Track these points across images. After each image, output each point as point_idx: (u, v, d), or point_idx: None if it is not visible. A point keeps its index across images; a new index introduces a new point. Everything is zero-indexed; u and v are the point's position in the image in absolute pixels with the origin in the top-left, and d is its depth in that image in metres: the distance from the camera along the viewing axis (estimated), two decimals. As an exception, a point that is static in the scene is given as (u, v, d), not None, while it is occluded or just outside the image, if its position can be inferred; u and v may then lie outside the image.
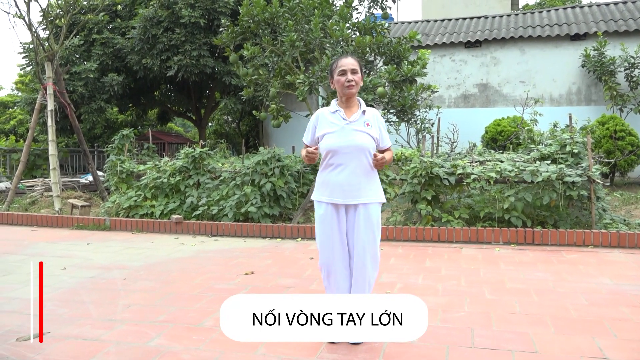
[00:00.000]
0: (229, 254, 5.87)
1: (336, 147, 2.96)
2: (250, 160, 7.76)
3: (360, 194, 2.97)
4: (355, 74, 2.97)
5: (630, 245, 5.75)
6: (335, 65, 3.02)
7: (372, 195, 3.01)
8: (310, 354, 2.91)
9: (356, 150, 2.95)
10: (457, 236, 6.26)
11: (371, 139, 2.99)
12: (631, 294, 3.98)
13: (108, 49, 13.20)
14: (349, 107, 3.05)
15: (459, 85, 13.01)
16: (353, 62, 3.00)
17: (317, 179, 3.10)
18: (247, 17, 8.05)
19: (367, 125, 3.00)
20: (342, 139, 2.95)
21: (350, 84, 2.96)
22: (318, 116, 3.10)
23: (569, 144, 6.83)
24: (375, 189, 3.04)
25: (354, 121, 2.99)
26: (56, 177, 9.06)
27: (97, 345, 3.09)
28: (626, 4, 13.28)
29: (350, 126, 2.98)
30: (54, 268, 5.13)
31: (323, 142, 3.01)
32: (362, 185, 2.97)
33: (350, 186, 2.95)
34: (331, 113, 3.05)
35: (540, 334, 3.16)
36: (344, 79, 2.96)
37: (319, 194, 3.06)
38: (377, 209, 3.05)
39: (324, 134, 3.01)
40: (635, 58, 10.97)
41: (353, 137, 2.95)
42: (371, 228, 2.99)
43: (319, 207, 3.07)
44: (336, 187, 2.97)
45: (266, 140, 14.86)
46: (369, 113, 3.05)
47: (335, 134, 2.97)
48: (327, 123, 3.03)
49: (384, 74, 7.70)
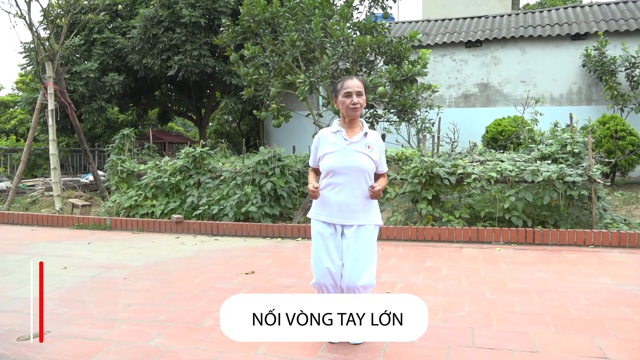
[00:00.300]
0: (229, 253, 5.87)
1: (336, 167, 2.94)
2: (251, 159, 7.76)
3: (357, 215, 2.95)
4: (360, 97, 2.96)
5: (631, 245, 5.74)
6: (341, 85, 3.00)
7: (369, 217, 2.99)
8: (310, 353, 2.91)
9: (356, 171, 2.93)
10: (457, 236, 6.25)
11: (371, 161, 2.97)
12: (632, 294, 3.98)
13: (109, 48, 13.21)
14: (352, 127, 3.04)
15: (459, 84, 13.00)
16: (359, 84, 2.97)
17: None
18: (248, 16, 8.05)
19: (368, 148, 2.98)
20: (343, 159, 2.94)
21: (355, 107, 2.95)
22: (320, 137, 3.08)
23: (570, 143, 6.83)
24: (373, 211, 3.02)
25: (356, 142, 2.97)
26: (57, 177, 9.07)
27: (97, 345, 3.09)
28: (627, 4, 13.27)
29: (351, 147, 2.96)
30: (55, 267, 5.13)
31: (323, 161, 3.00)
32: (360, 206, 2.95)
33: (348, 207, 2.94)
34: (332, 133, 3.03)
35: (540, 334, 3.16)
36: (349, 102, 2.94)
37: (316, 212, 3.04)
38: (374, 231, 3.03)
39: (324, 154, 3.00)
40: (636, 58, 10.96)
41: (354, 158, 2.94)
42: (368, 250, 2.95)
43: (315, 224, 3.05)
44: (334, 207, 2.96)
45: (267, 139, 14.86)
46: (370, 136, 3.03)
47: (336, 154, 2.96)
48: (328, 143, 3.02)
49: (384, 73, 7.70)
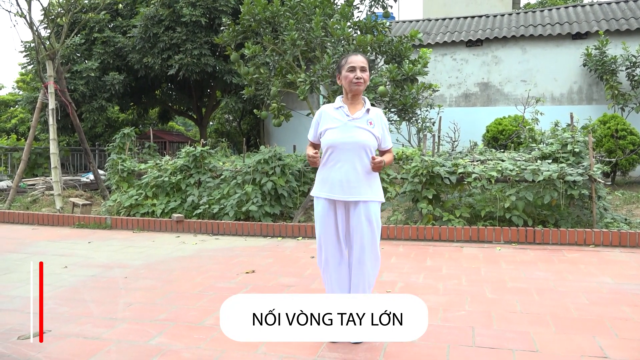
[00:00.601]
0: (229, 252, 5.87)
1: (337, 143, 2.95)
2: (251, 159, 7.76)
3: (360, 191, 2.95)
4: (364, 72, 2.98)
5: (632, 245, 5.74)
6: (345, 61, 3.01)
7: (371, 193, 2.99)
8: (311, 352, 2.91)
9: (357, 147, 2.94)
10: (458, 235, 6.25)
11: (373, 137, 2.99)
12: (632, 294, 3.98)
13: (109, 47, 13.21)
14: (354, 104, 3.05)
15: (460, 84, 13.00)
16: (363, 59, 2.99)
17: (317, 175, 3.08)
18: (248, 15, 8.04)
19: (370, 124, 2.99)
20: (344, 134, 2.95)
21: (359, 81, 2.96)
22: (321, 113, 3.09)
23: (570, 143, 6.82)
24: (375, 187, 3.03)
25: (357, 118, 2.99)
26: (57, 176, 9.07)
27: (98, 344, 3.10)
28: (627, 3, 13.25)
29: (352, 123, 2.97)
30: (55, 267, 5.14)
31: (325, 137, 3.00)
32: (362, 182, 2.96)
33: (350, 183, 2.94)
34: (335, 109, 3.04)
35: (541, 333, 3.16)
36: (353, 76, 2.96)
37: (318, 189, 3.05)
38: (377, 207, 3.04)
39: (326, 129, 3.01)
40: (636, 57, 10.95)
41: (355, 133, 2.95)
42: (371, 226, 2.98)
43: (317, 203, 3.06)
44: (335, 183, 2.96)
45: (267, 139, 14.86)
46: (372, 112, 3.05)
47: (337, 130, 2.97)
48: (330, 119, 3.03)
49: (385, 72, 7.70)
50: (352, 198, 2.96)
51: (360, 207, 2.97)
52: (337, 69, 3.11)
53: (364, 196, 2.96)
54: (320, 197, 3.04)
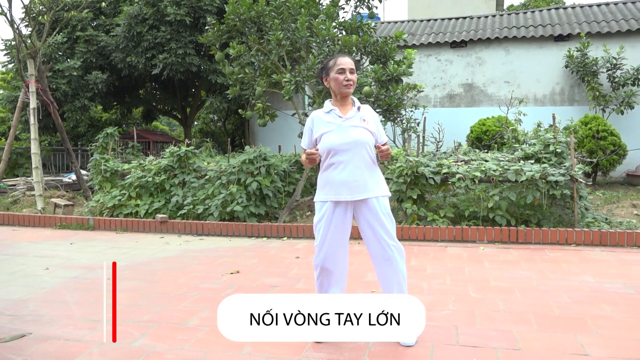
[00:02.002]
0: (214, 253, 5.84)
1: (336, 145, 2.94)
2: (236, 159, 7.73)
3: (367, 188, 2.95)
4: (353, 74, 2.99)
5: (612, 244, 5.83)
6: (334, 62, 3.01)
7: (378, 189, 3.01)
8: (296, 352, 2.91)
9: (356, 146, 2.94)
10: (442, 235, 6.29)
11: (369, 133, 3.00)
12: (612, 292, 4.04)
13: (92, 46, 13.06)
14: (344, 105, 3.06)
15: (444, 85, 13.09)
16: (351, 62, 3.01)
17: (319, 181, 3.05)
18: (233, 15, 8.01)
19: (364, 121, 3.00)
20: (341, 136, 2.95)
21: (349, 83, 2.97)
22: (313, 118, 3.08)
23: (553, 143, 6.91)
24: (380, 182, 3.04)
25: (350, 117, 3.00)
26: (39, 176, 8.95)
27: (79, 346, 3.06)
28: (608, 6, 13.47)
29: (347, 123, 2.98)
30: (36, 268, 5.06)
31: (322, 142, 2.99)
32: (367, 179, 2.96)
33: (356, 182, 2.93)
34: (326, 113, 3.04)
35: (523, 332, 3.20)
36: (343, 78, 2.96)
37: (323, 194, 3.01)
38: (387, 201, 3.06)
39: (322, 134, 3.00)
40: (617, 59, 11.13)
41: (352, 133, 2.95)
42: (389, 219, 3.01)
43: (321, 206, 3.01)
44: (341, 185, 2.94)
45: (252, 139, 14.82)
46: (363, 109, 3.06)
47: (333, 132, 2.96)
48: (323, 123, 3.02)
49: (370, 73, 7.72)
50: (361, 196, 2.95)
51: (373, 203, 2.96)
52: (324, 71, 3.10)
53: (372, 192, 2.97)
54: (326, 201, 2.99)
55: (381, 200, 3.00)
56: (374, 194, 2.97)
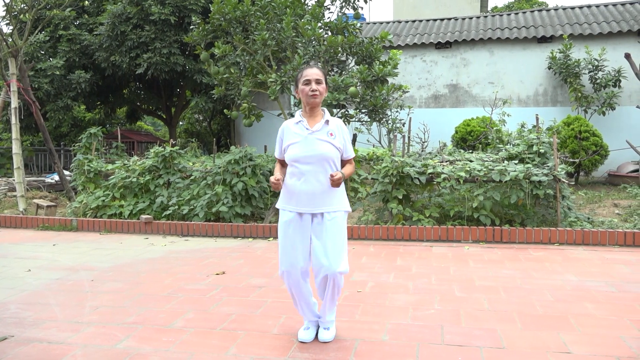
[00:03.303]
0: (199, 254, 5.81)
1: (299, 157, 2.96)
2: (222, 159, 7.69)
3: (324, 202, 2.97)
4: (320, 84, 2.98)
5: (594, 243, 5.91)
6: (300, 75, 3.03)
7: (336, 203, 3.00)
8: (281, 353, 2.91)
9: (319, 159, 2.95)
10: (427, 235, 6.33)
11: (334, 148, 2.99)
12: (594, 290, 4.10)
13: (75, 45, 12.90)
14: (313, 116, 3.06)
15: (429, 85, 13.16)
16: (318, 72, 3.00)
17: (283, 188, 3.06)
18: (219, 14, 7.97)
19: (330, 135, 3.00)
20: (305, 148, 2.96)
21: (314, 94, 2.97)
22: (283, 129, 3.11)
23: (536, 144, 6.98)
24: (340, 197, 3.03)
25: (317, 131, 2.99)
26: (20, 177, 8.82)
27: (63, 349, 3.02)
28: (590, 8, 13.67)
29: (313, 136, 2.98)
30: (18, 270, 4.99)
31: (287, 152, 3.02)
32: (327, 194, 2.97)
33: (315, 195, 2.95)
34: (295, 124, 3.06)
35: (507, 330, 3.23)
36: (308, 89, 2.97)
37: (284, 202, 3.05)
38: (343, 217, 3.04)
39: (288, 145, 3.02)
40: (599, 61, 11.30)
41: (316, 146, 2.95)
42: (339, 235, 2.97)
43: (283, 214, 3.05)
44: (302, 196, 2.96)
45: (238, 139, 14.76)
46: (332, 123, 3.05)
47: (299, 144, 2.98)
48: (291, 134, 3.04)
49: (355, 73, 7.74)
50: (318, 210, 2.97)
51: (327, 217, 2.97)
52: (295, 83, 3.13)
53: (329, 207, 2.98)
54: (286, 210, 3.03)
55: (334, 215, 2.98)
56: (330, 209, 2.97)
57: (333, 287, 2.99)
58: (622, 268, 4.82)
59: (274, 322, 3.42)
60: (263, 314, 3.61)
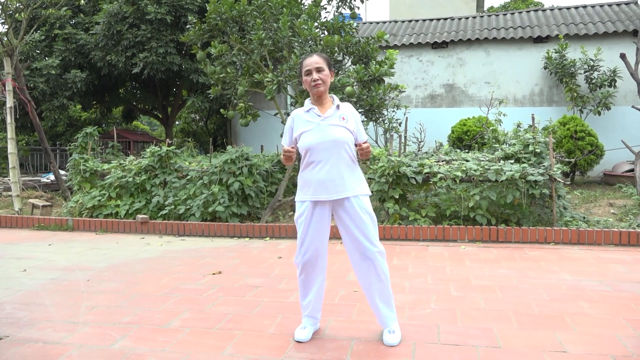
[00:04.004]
0: (196, 253, 5.80)
1: (314, 144, 2.93)
2: (218, 159, 7.68)
3: (345, 187, 2.93)
4: (321, 72, 2.97)
5: (590, 242, 5.93)
6: (302, 65, 3.03)
7: (357, 187, 2.97)
8: (278, 353, 2.91)
9: (334, 144, 2.92)
10: (424, 234, 6.34)
11: (349, 132, 2.98)
12: (590, 290, 4.11)
13: (71, 44, 12.86)
14: (322, 104, 3.04)
15: (426, 85, 13.18)
16: (317, 59, 2.99)
17: (299, 180, 3.04)
18: (215, 14, 7.96)
19: (343, 119, 2.98)
20: (319, 135, 2.93)
21: (317, 83, 2.96)
22: (293, 117, 3.08)
23: (532, 143, 7.00)
24: (360, 181, 3.01)
25: (329, 116, 2.98)
26: (16, 176, 8.79)
27: (58, 349, 3.01)
28: (586, 8, 13.72)
29: (326, 122, 2.96)
30: (14, 270, 4.97)
31: (301, 141, 2.98)
32: (346, 178, 2.93)
33: (334, 181, 2.91)
34: (305, 112, 3.03)
35: (503, 330, 3.23)
36: (310, 79, 2.97)
37: (302, 193, 3.00)
38: (368, 200, 3.02)
39: (301, 133, 2.99)
40: (594, 61, 11.34)
41: (330, 132, 2.93)
42: (369, 219, 2.96)
43: (301, 206, 3.01)
44: (319, 185, 2.92)
45: (234, 139, 14.74)
46: (343, 107, 3.04)
47: (312, 131, 2.95)
48: (302, 122, 3.01)
49: (352, 73, 7.73)
50: (339, 196, 2.92)
51: (353, 202, 2.93)
52: (299, 75, 3.13)
53: (352, 191, 2.94)
54: (305, 201, 2.99)
55: (361, 199, 2.97)
56: (352, 193, 2.94)
57: (378, 272, 2.96)
58: (618, 267, 4.84)
59: (271, 322, 3.42)
60: (259, 313, 3.61)
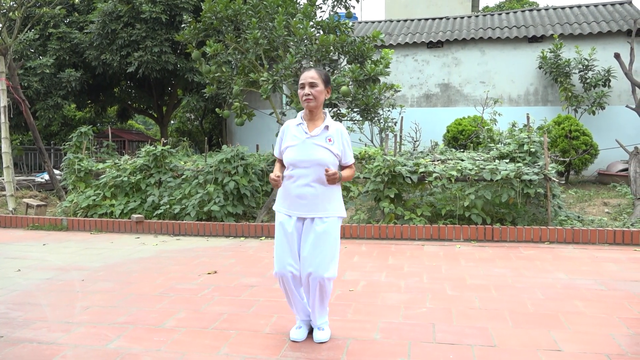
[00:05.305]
0: (191, 253, 5.79)
1: (295, 161, 2.95)
2: (214, 158, 7.67)
3: (317, 207, 2.94)
4: (314, 87, 2.93)
5: (584, 241, 5.95)
6: (299, 78, 3.02)
7: (330, 209, 2.97)
8: (273, 352, 2.90)
9: (315, 165, 2.92)
10: (419, 234, 6.35)
11: (331, 154, 2.96)
12: (584, 288, 4.13)
13: (65, 43, 12.80)
14: (313, 120, 3.02)
15: (421, 84, 13.20)
16: (313, 74, 2.96)
17: (281, 188, 3.05)
18: (210, 13, 7.93)
19: (329, 141, 2.96)
20: (302, 152, 2.94)
21: (308, 98, 2.93)
22: (284, 129, 3.09)
23: (527, 143, 7.02)
24: (334, 203, 3.01)
25: (315, 136, 2.96)
26: (10, 176, 8.74)
27: (53, 349, 3.00)
28: (580, 8, 13.77)
29: (310, 140, 2.95)
30: (8, 270, 4.95)
31: (285, 154, 3.02)
32: (320, 199, 2.94)
33: (307, 199, 2.93)
34: (295, 126, 3.03)
35: (498, 329, 3.24)
36: (302, 93, 2.96)
37: (279, 204, 3.06)
38: (337, 223, 3.01)
39: (287, 147, 3.01)
40: (589, 60, 11.38)
41: (312, 151, 2.93)
42: (330, 241, 2.94)
43: (278, 216, 3.07)
44: (295, 200, 2.96)
45: (229, 138, 14.72)
46: (332, 128, 3.00)
47: (296, 148, 2.96)
48: (290, 136, 3.02)
49: (347, 72, 7.73)
50: (309, 215, 2.95)
51: (316, 222, 2.95)
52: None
53: (321, 212, 2.95)
54: (280, 212, 3.04)
55: (327, 222, 2.95)
56: (321, 215, 2.95)
57: (320, 292, 2.97)
58: (612, 266, 4.86)
59: (266, 322, 3.42)
60: (255, 313, 3.61)
